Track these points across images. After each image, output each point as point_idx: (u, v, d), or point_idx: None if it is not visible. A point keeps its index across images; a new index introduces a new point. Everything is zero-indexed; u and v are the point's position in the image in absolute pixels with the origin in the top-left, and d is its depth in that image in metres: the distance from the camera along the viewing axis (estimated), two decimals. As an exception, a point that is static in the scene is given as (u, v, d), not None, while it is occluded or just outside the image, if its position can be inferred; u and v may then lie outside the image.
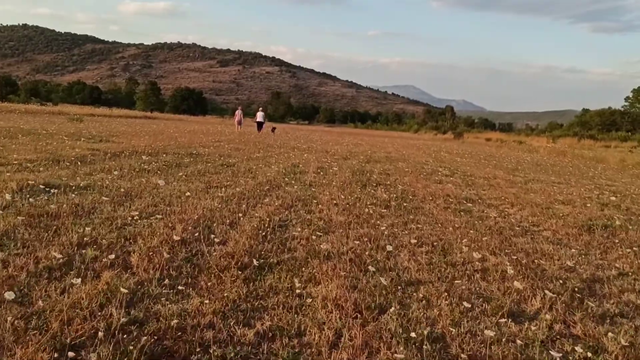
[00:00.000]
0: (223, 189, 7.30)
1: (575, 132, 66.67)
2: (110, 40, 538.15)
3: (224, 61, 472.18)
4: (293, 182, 8.79)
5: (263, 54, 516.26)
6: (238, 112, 34.63)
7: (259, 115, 34.20)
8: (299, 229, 5.13)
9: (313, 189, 8.08)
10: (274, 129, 34.58)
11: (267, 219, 5.42)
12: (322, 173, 10.53)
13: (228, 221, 5.22)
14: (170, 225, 4.79)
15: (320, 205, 6.53)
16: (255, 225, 5.08)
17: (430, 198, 8.04)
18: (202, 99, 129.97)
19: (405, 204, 7.19)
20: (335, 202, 6.92)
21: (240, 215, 5.54)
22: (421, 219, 6.20)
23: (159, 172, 8.66)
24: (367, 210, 6.45)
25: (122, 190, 6.38)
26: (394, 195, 8.07)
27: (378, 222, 5.78)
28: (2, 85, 75.76)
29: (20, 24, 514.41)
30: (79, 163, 8.71)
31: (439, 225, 5.92)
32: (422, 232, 5.48)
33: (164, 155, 11.70)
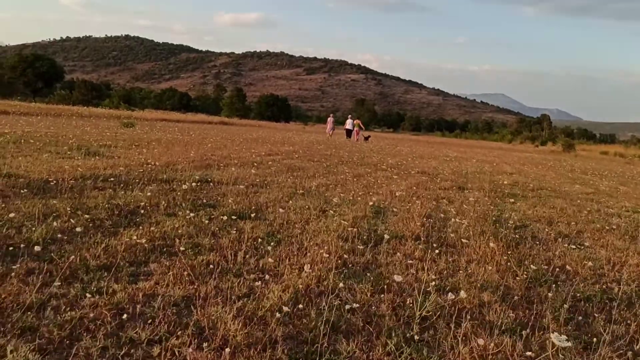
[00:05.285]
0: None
1: None
2: (203, 50, 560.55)
3: (310, 69, 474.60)
4: (372, 310, 3.09)
5: (349, 62, 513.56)
6: (330, 120, 35.60)
7: (348, 123, 35.02)
8: None
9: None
10: (367, 137, 34.14)
11: None
12: (437, 244, 4.70)
13: None
14: None
15: None
16: None
17: None
18: (286, 106, 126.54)
19: None
20: None
21: None
22: None
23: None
24: None
25: None
26: None
27: None
28: (88, 90, 76.07)
29: (123, 35, 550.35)
30: None
31: None
32: None
33: (143, 186, 6.43)
